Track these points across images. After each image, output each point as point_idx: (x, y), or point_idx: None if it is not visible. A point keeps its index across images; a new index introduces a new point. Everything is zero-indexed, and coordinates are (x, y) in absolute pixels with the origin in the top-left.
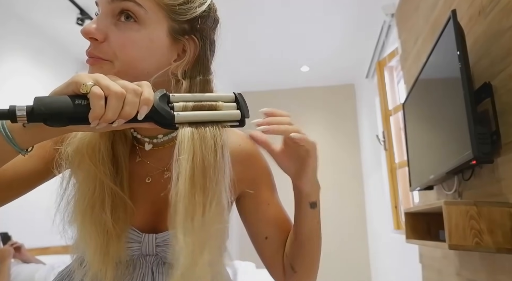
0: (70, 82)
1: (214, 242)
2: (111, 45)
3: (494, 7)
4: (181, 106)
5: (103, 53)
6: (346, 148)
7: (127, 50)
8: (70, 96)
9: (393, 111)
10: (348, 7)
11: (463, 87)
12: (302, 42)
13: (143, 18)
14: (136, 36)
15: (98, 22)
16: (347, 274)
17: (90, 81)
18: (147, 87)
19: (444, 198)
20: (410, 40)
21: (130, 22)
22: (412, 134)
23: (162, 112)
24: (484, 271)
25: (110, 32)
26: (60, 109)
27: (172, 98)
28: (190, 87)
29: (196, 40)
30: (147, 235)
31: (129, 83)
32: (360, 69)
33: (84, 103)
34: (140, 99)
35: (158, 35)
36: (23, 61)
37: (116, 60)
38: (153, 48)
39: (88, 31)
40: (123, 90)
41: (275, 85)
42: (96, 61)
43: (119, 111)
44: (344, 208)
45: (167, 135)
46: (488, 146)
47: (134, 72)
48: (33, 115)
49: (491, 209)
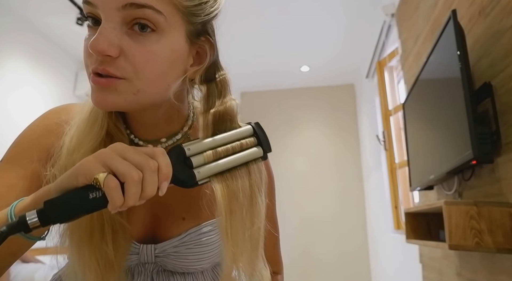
0: (78, 174)
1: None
2: (130, 61)
3: (494, 7)
4: (201, 160)
5: (120, 70)
6: (346, 147)
7: (150, 66)
8: (82, 190)
9: (393, 111)
10: (348, 7)
11: (463, 87)
12: (302, 42)
13: (162, 26)
14: (158, 48)
15: (108, 33)
16: (347, 274)
17: (100, 171)
18: (162, 158)
19: (444, 198)
20: (410, 40)
21: (147, 33)
22: (412, 134)
23: (182, 178)
24: (484, 271)
25: (125, 45)
26: (75, 208)
27: (188, 153)
28: (208, 92)
29: (212, 40)
30: (145, 246)
31: (143, 156)
32: (360, 69)
33: (100, 195)
34: (159, 176)
35: (178, 42)
36: (23, 61)
37: (136, 79)
38: (175, 58)
39: (102, 49)
40: (140, 173)
41: (275, 85)
42: (110, 82)
43: (139, 195)
44: (344, 208)
45: (172, 138)
46: (488, 146)
47: (155, 90)
48: (47, 220)
49: (491, 209)
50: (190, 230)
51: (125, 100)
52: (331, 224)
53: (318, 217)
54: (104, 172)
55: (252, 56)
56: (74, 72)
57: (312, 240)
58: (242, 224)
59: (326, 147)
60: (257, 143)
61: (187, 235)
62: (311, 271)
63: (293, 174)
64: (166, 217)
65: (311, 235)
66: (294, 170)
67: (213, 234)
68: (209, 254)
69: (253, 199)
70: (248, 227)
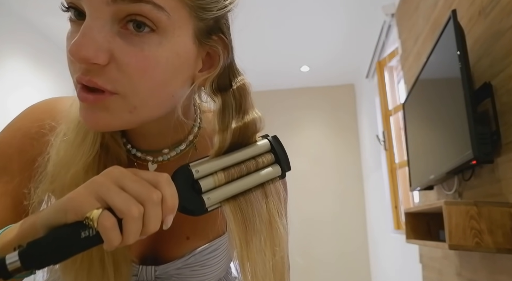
0: (67, 210)
1: None
2: (124, 71)
3: (494, 7)
4: (211, 184)
5: (111, 83)
6: (346, 148)
7: (149, 76)
8: (72, 227)
9: (393, 111)
10: (348, 7)
11: (463, 87)
12: (302, 42)
13: (164, 25)
14: (159, 53)
15: (94, 34)
16: (347, 274)
17: (93, 207)
18: (167, 187)
19: (444, 198)
20: (410, 40)
21: (145, 33)
22: (412, 134)
23: (190, 207)
24: (484, 271)
25: (117, 49)
26: (64, 250)
27: (197, 175)
28: (224, 104)
29: (226, 40)
30: (145, 267)
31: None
32: (360, 69)
33: (93, 233)
34: (163, 208)
35: (184, 44)
36: (23, 61)
37: (131, 94)
38: (180, 64)
39: (86, 56)
40: (141, 208)
41: (275, 85)
42: (98, 100)
43: (140, 231)
44: (344, 208)
45: (175, 149)
46: (488, 146)
47: (155, 104)
48: (31, 264)
49: (491, 209)
50: (195, 250)
51: (120, 120)
52: (331, 224)
53: (318, 217)
54: (98, 208)
55: (252, 56)
56: None
57: (312, 240)
58: (261, 255)
59: (326, 147)
60: (275, 160)
61: (191, 257)
62: (311, 271)
63: (293, 174)
64: (168, 236)
65: (311, 235)
66: (294, 170)
67: (220, 253)
68: (214, 274)
69: (272, 224)
70: (269, 258)
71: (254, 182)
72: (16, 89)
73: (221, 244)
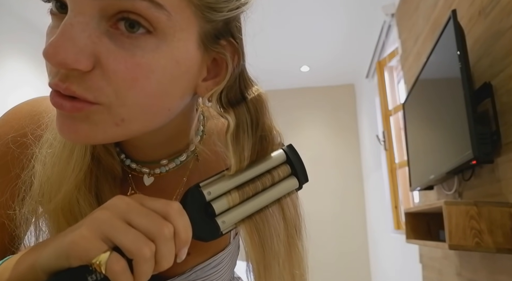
0: (69, 256)
1: None
2: (110, 78)
3: (494, 7)
4: (225, 205)
5: (93, 92)
6: (346, 147)
7: (140, 87)
8: (77, 273)
9: (393, 111)
10: (348, 7)
11: (463, 87)
12: (302, 42)
13: (162, 27)
14: (154, 59)
15: (75, 34)
16: (347, 274)
17: (100, 251)
18: (179, 218)
19: (444, 198)
20: (410, 40)
21: (139, 35)
22: (412, 134)
23: (203, 235)
24: (484, 271)
25: (103, 52)
26: None
27: (209, 197)
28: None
29: (236, 44)
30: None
31: (155, 221)
32: (360, 69)
33: (101, 277)
34: (176, 243)
35: (186, 50)
36: (23, 61)
37: (117, 105)
38: (179, 74)
39: (64, 61)
40: (153, 246)
41: (275, 85)
42: (76, 109)
43: (152, 270)
44: (344, 208)
45: (174, 160)
46: (488, 146)
47: (147, 117)
48: None
49: (491, 209)
50: (196, 267)
51: (104, 133)
52: (331, 224)
53: (318, 217)
54: (105, 250)
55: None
56: None
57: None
58: (280, 280)
59: (326, 147)
60: (291, 172)
61: (192, 273)
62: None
63: None
64: None
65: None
66: None
67: (222, 267)
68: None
69: (291, 245)
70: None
71: (270, 198)
72: (16, 89)
73: (223, 258)
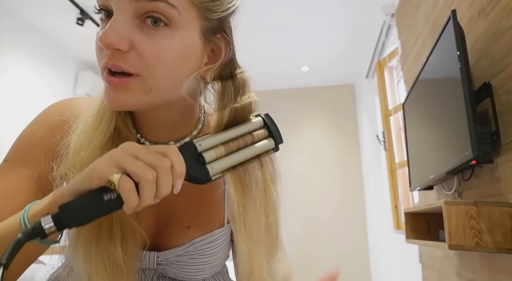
0: (91, 177)
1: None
2: (142, 57)
3: (494, 7)
4: (213, 155)
5: (132, 66)
6: (346, 147)
7: (163, 62)
8: (96, 192)
9: (393, 111)
10: (348, 7)
11: (463, 87)
12: (302, 42)
13: (175, 21)
14: (171, 43)
15: (118, 26)
16: (347, 274)
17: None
18: (176, 156)
19: (444, 198)
20: (410, 40)
21: (160, 27)
22: (412, 134)
23: (196, 175)
24: (484, 271)
25: (136, 39)
26: (90, 211)
27: (200, 148)
28: (223, 89)
29: (228, 38)
30: (148, 253)
31: (156, 156)
32: (360, 69)
33: (114, 196)
34: (173, 174)
35: (192, 38)
36: (23, 61)
37: (148, 76)
38: (188, 55)
39: (111, 42)
40: (154, 173)
41: (275, 85)
42: (122, 81)
43: (154, 194)
44: (344, 208)
45: (180, 141)
46: (488, 145)
47: (167, 87)
48: (63, 225)
49: (491, 209)
50: (195, 239)
51: (137, 100)
52: (331, 224)
53: (318, 217)
54: (118, 173)
55: (252, 56)
56: (74, 72)
57: (312, 240)
58: (256, 218)
59: (326, 147)
60: (268, 135)
61: (191, 245)
62: (311, 271)
63: (293, 174)
64: (170, 225)
65: (311, 235)
66: (294, 170)
67: (218, 244)
68: (212, 264)
69: (267, 191)
70: (262, 220)
71: (251, 153)
72: (16, 89)
73: (220, 236)
